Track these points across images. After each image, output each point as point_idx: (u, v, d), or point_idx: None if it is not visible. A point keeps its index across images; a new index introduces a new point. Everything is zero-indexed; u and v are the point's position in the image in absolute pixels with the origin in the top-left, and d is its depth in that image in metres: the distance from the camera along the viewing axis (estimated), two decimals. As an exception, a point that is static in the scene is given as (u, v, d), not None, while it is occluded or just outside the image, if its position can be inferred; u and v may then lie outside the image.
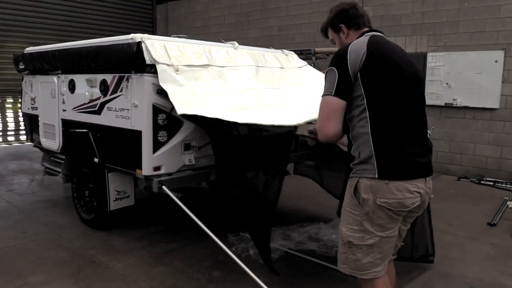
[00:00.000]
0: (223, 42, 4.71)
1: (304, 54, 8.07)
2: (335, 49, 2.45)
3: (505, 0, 7.16)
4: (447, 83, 7.85)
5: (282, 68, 4.95)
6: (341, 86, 2.09)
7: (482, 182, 7.30)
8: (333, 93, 2.10)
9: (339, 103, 2.11)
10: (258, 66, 4.64)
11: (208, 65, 4.13)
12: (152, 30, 13.60)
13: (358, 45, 2.15)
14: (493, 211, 5.64)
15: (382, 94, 2.09)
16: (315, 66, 6.78)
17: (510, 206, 5.91)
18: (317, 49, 8.68)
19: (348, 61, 2.09)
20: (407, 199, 2.08)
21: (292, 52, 5.49)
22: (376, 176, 2.07)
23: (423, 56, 8.01)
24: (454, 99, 7.77)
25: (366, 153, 2.11)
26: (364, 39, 2.20)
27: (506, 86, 7.26)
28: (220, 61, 4.30)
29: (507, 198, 6.22)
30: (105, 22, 12.45)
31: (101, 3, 12.40)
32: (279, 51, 5.31)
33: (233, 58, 4.49)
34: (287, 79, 4.84)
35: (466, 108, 7.69)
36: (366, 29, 2.38)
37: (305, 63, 5.39)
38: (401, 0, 8.32)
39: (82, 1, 12.01)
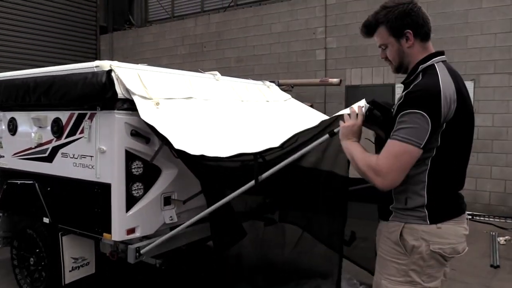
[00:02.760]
0: (201, 72, 4.05)
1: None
2: (300, 81, 2.09)
3: (471, 31, 7.17)
4: (417, 115, 7.65)
5: (267, 101, 4.35)
6: (430, 137, 1.78)
7: (460, 216, 7.05)
8: (422, 146, 1.77)
9: (419, 154, 1.80)
10: (243, 100, 4.01)
11: (190, 98, 3.43)
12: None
13: (448, 87, 1.79)
14: (487, 248, 5.32)
15: (453, 147, 1.87)
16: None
17: (501, 242, 5.67)
18: (281, 81, 8.21)
19: (442, 106, 1.76)
20: (460, 243, 1.93)
21: (273, 84, 4.92)
22: (428, 222, 1.86)
23: (391, 87, 7.80)
24: (425, 131, 7.58)
25: (417, 202, 1.88)
26: (447, 75, 1.83)
27: (477, 117, 7.06)
28: (203, 94, 3.61)
29: (494, 234, 5.97)
30: (43, 53, 11.24)
31: (38, 32, 11.23)
32: (260, 82, 4.72)
33: (216, 91, 3.82)
34: (274, 114, 4.24)
35: (437, 139, 7.50)
36: (431, 46, 1.95)
37: (289, 96, 4.83)
38: (366, 31, 8.14)
39: (16, 30, 10.81)
